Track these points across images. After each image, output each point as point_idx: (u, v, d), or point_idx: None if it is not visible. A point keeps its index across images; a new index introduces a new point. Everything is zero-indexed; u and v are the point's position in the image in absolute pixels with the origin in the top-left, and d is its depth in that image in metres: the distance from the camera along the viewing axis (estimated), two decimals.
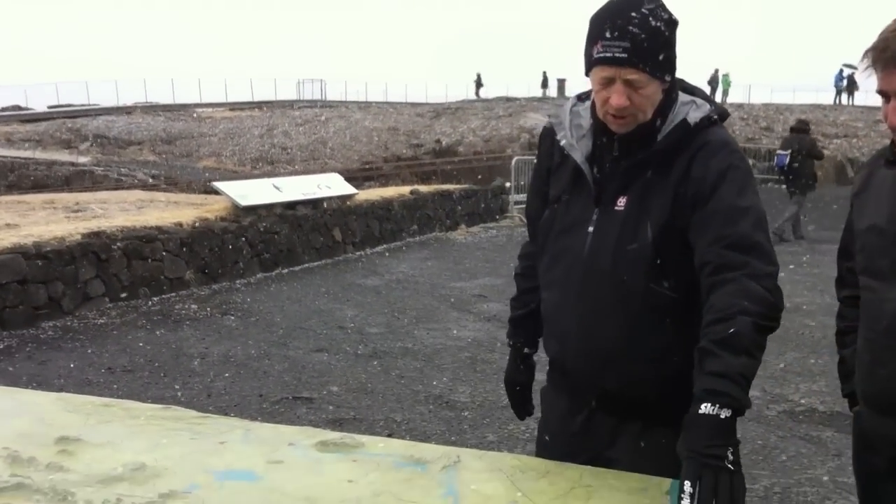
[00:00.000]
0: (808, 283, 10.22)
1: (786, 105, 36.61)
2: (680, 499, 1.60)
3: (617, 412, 2.11)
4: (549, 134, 2.25)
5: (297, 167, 28.44)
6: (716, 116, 2.07)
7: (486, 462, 1.98)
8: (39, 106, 46.44)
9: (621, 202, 2.05)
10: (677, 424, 1.77)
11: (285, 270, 11.47)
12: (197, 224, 10.41)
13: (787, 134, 16.21)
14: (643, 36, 1.92)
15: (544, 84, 48.29)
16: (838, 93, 39.44)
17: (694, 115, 2.05)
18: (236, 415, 5.31)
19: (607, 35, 1.93)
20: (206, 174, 26.03)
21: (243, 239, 10.93)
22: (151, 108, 44.96)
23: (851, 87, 38.72)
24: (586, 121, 2.15)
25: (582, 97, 2.23)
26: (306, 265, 11.90)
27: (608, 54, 1.94)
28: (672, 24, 1.99)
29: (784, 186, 14.98)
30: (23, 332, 7.80)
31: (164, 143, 35.66)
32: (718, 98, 41.19)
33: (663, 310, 2.02)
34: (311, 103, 49.54)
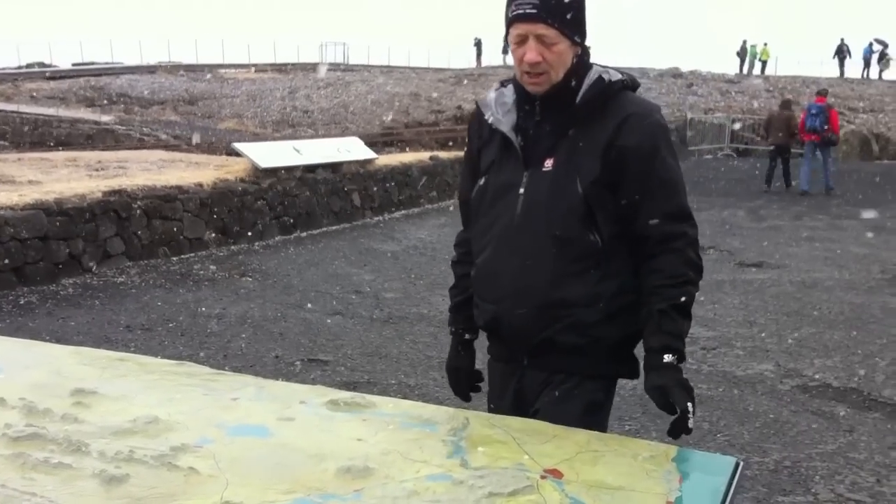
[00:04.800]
0: (826, 258, 10.15)
1: (812, 78, 36.09)
2: (687, 412, 2.08)
3: (547, 367, 2.28)
4: (476, 116, 2.40)
5: (318, 130, 28.42)
6: (628, 82, 2.26)
7: (494, 425, 2.00)
8: (63, 63, 46.51)
9: (548, 163, 2.20)
10: (598, 378, 2.27)
11: (304, 234, 11.52)
12: (217, 185, 10.45)
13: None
14: None
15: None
16: (867, 66, 38.89)
17: (607, 76, 2.23)
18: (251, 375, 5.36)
19: None
20: (225, 134, 26.04)
21: (263, 201, 10.98)
22: (175, 68, 44.92)
23: (882, 62, 38.18)
24: (510, 98, 2.30)
25: (505, 83, 2.37)
26: (324, 229, 11.94)
27: (520, 11, 2.12)
28: None
29: None
30: (43, 289, 7.89)
31: (186, 104, 35.68)
32: (747, 69, 40.85)
33: (591, 259, 2.20)
34: (334, 66, 49.35)
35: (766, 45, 41.70)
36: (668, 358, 2.11)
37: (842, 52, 38.67)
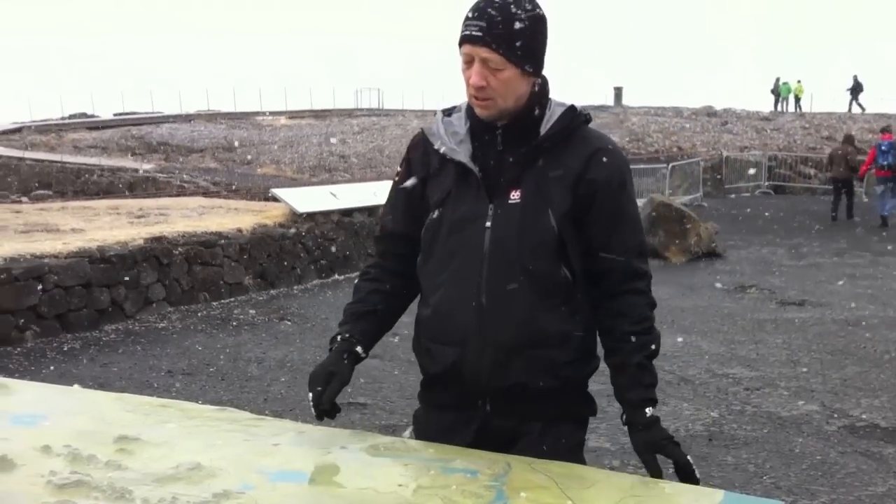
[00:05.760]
0: (869, 295, 9.99)
1: (848, 114, 35.83)
2: (691, 464, 1.99)
3: (515, 413, 2.14)
4: (420, 144, 2.27)
5: (354, 175, 28.67)
6: (588, 116, 2.21)
7: (536, 469, 1.98)
8: (105, 113, 47.56)
9: (515, 195, 2.11)
10: (573, 419, 2.20)
11: (341, 277, 11.57)
12: (256, 230, 10.57)
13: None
14: (499, 19, 2.01)
15: None
16: None
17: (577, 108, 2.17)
18: (292, 419, 5.37)
19: (469, 15, 2.06)
20: (263, 180, 26.33)
21: (300, 245, 11.07)
22: (213, 116, 45.66)
23: None
24: (461, 127, 2.19)
25: (447, 112, 2.26)
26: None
27: (467, 32, 2.05)
28: (535, 17, 2.07)
29: None
30: (86, 335, 7.99)
31: (225, 151, 36.16)
32: (781, 106, 40.76)
33: (561, 295, 2.12)
34: (369, 111, 49.85)
35: (799, 81, 41.57)
36: (650, 412, 2.06)
37: (856, 89, 38.59)
